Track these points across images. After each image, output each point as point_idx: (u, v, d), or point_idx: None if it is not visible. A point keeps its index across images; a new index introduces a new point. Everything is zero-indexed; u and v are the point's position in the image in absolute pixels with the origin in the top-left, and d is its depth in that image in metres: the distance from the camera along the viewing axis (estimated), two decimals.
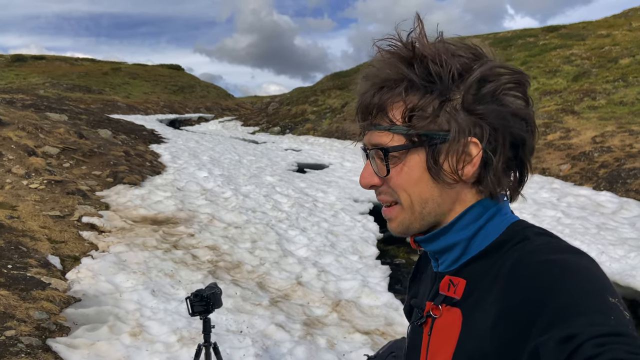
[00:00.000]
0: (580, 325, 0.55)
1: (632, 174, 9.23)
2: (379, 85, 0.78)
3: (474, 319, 0.73)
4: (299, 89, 32.62)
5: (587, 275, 0.63)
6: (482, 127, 0.75)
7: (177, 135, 17.27)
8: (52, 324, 3.60)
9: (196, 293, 2.72)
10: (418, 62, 0.75)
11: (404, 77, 0.75)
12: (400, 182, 0.78)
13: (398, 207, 0.80)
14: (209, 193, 8.26)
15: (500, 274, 0.71)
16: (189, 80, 48.99)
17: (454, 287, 0.79)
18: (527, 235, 0.74)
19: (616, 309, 0.58)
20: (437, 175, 0.76)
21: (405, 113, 0.75)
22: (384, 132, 0.77)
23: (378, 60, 0.79)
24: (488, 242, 0.78)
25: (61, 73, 38.38)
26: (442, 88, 0.74)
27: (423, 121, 0.74)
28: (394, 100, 0.76)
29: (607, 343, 0.53)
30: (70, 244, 5.34)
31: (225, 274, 5.14)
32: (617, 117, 12.30)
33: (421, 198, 0.78)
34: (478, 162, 0.75)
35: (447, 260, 0.82)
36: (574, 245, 0.71)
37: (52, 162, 8.49)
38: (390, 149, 0.76)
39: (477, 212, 0.79)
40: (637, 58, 15.51)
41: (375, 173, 0.81)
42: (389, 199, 0.81)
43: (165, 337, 3.73)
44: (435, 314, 0.81)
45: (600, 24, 21.89)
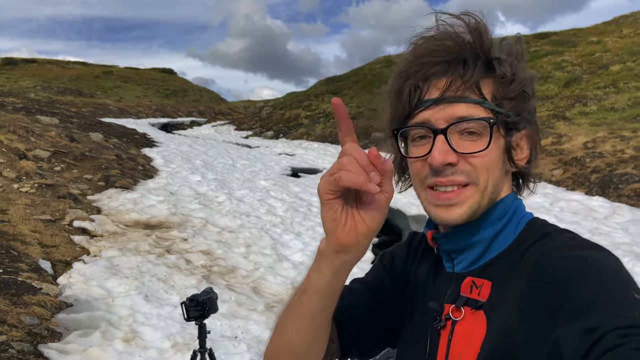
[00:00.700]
0: (603, 317, 0.55)
1: (623, 179, 9.29)
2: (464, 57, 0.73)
3: (498, 320, 0.71)
4: (293, 94, 32.65)
5: (611, 271, 0.62)
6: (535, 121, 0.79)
7: (169, 139, 17.19)
8: (44, 329, 3.53)
9: (192, 298, 2.68)
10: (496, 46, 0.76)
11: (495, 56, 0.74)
12: (489, 160, 0.73)
13: (471, 189, 0.74)
14: (202, 197, 8.21)
15: (524, 271, 0.70)
16: (181, 84, 48.88)
17: (477, 289, 0.75)
18: (548, 232, 0.74)
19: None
20: (510, 160, 0.76)
21: (497, 92, 0.74)
22: (475, 106, 0.73)
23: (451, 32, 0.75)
24: (509, 241, 0.76)
25: (52, 76, 38.15)
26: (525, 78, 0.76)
27: (509, 104, 0.74)
28: (486, 76, 0.74)
29: (631, 334, 0.52)
30: (62, 248, 5.27)
31: (220, 279, 5.09)
32: (608, 123, 12.41)
33: (495, 181, 0.75)
34: (529, 153, 0.78)
35: (466, 260, 0.78)
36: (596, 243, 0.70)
37: (43, 165, 8.40)
38: (498, 120, 0.73)
39: (503, 208, 0.77)
40: (627, 65, 15.67)
41: (452, 149, 0.72)
42: (463, 179, 0.73)
43: (159, 343, 3.67)
44: (456, 317, 0.76)
45: (591, 31, 22.13)
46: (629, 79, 14.63)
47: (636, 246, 6.38)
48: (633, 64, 15.52)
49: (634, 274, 0.63)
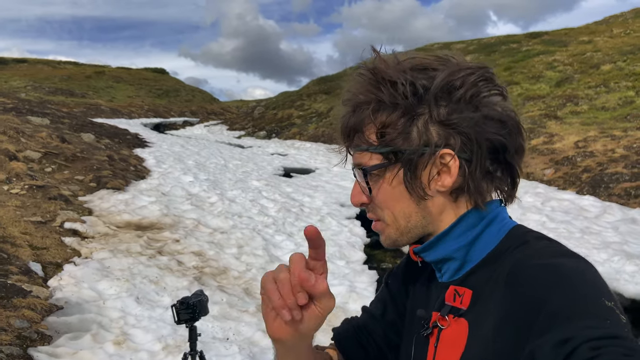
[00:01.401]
0: (575, 328, 0.55)
1: (614, 179, 9.37)
2: (353, 108, 0.81)
3: (478, 327, 0.73)
4: (285, 93, 32.61)
5: (584, 279, 0.63)
6: (454, 137, 0.75)
7: (161, 139, 17.13)
8: (34, 332, 3.51)
9: (182, 300, 2.67)
10: (384, 83, 0.77)
11: (373, 99, 0.77)
12: (382, 200, 0.80)
13: (381, 223, 0.82)
14: (194, 198, 8.18)
15: (500, 279, 0.71)
16: (173, 84, 48.71)
17: (459, 297, 0.78)
18: (527, 240, 0.75)
19: (612, 313, 0.57)
20: (413, 190, 0.77)
21: (377, 132, 0.77)
22: (363, 153, 0.80)
23: (353, 84, 0.82)
24: (488, 250, 0.77)
25: (43, 76, 37.90)
26: (409, 104, 0.75)
27: (395, 138, 0.76)
28: (366, 121, 0.78)
29: (603, 346, 0.52)
30: (52, 250, 5.24)
31: (211, 280, 5.07)
32: (599, 123, 12.50)
33: (404, 213, 0.79)
34: (456, 172, 0.75)
35: (449, 270, 0.81)
36: (572, 250, 0.70)
37: (33, 166, 8.34)
38: (368, 168, 0.79)
39: (473, 219, 0.78)
40: (618, 64, 15.79)
41: (362, 192, 0.82)
42: (375, 216, 0.83)
43: (150, 346, 3.66)
44: (442, 325, 0.79)
45: (582, 31, 22.28)
46: (619, 78, 14.74)
47: (626, 245, 6.43)
48: (623, 64, 15.64)
49: (624, 273, 0.64)
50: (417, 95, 0.75)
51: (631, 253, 6.11)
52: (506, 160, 0.78)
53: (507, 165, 0.78)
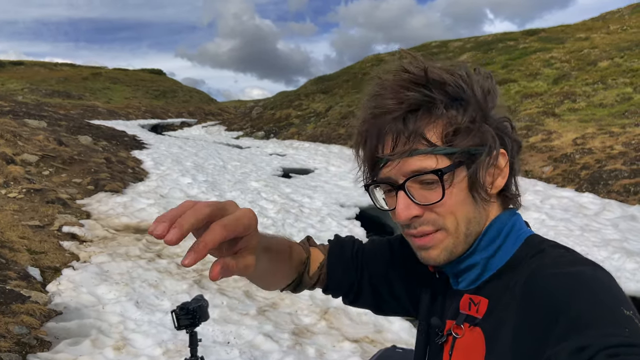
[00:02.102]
0: (593, 336, 0.55)
1: (613, 175, 9.36)
2: (407, 110, 0.75)
3: (496, 336, 0.73)
4: (283, 93, 32.59)
5: (601, 288, 0.63)
6: (503, 138, 0.77)
7: (159, 140, 17.09)
8: (33, 338, 3.48)
9: (182, 306, 2.64)
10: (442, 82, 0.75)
11: (434, 99, 0.74)
12: (451, 205, 0.75)
13: (442, 233, 0.76)
14: (193, 199, 8.15)
15: (517, 288, 0.71)
16: (171, 84, 48.64)
17: (475, 306, 0.78)
18: (543, 249, 0.75)
19: (631, 322, 0.57)
20: (479, 192, 0.76)
21: (445, 133, 0.74)
22: (426, 156, 0.74)
23: (388, 89, 0.77)
24: (506, 259, 0.78)
25: (40, 78, 37.81)
26: (469, 105, 0.75)
27: (460, 138, 0.74)
28: (431, 122, 0.75)
29: (621, 354, 0.51)
30: (51, 254, 5.21)
31: (211, 283, 5.05)
32: (597, 119, 12.49)
33: (467, 218, 0.76)
34: (507, 173, 0.78)
35: (467, 279, 0.81)
36: (589, 258, 0.70)
37: (31, 170, 8.31)
38: (445, 169, 0.73)
39: (496, 229, 0.79)
40: (615, 61, 15.79)
41: (414, 203, 0.75)
42: (431, 228, 0.76)
43: (150, 350, 3.63)
44: (457, 333, 0.79)
45: (579, 27, 22.28)
46: (617, 75, 14.74)
47: (626, 242, 6.42)
48: (621, 60, 15.64)
49: (624, 271, 0.63)
50: (474, 96, 0.76)
51: (631, 250, 6.10)
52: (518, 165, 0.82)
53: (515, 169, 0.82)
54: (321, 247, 1.01)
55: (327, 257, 0.99)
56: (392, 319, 4.48)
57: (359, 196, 9.37)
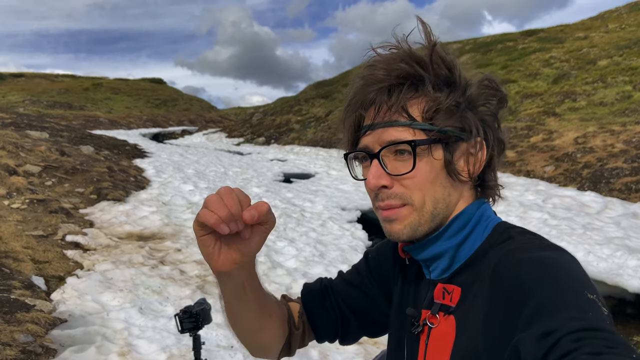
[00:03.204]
0: (557, 320, 0.56)
1: (614, 174, 9.36)
2: (393, 82, 0.77)
3: (467, 323, 0.74)
4: (283, 99, 32.68)
5: (566, 272, 0.64)
6: (485, 130, 0.79)
7: (160, 149, 17.15)
8: (38, 346, 3.50)
9: (185, 309, 2.66)
10: (439, 64, 0.77)
11: (424, 76, 0.76)
12: (419, 180, 0.76)
13: (407, 209, 0.77)
14: (195, 207, 8.18)
15: (486, 275, 0.72)
16: (171, 93, 48.82)
17: (449, 295, 0.79)
18: (511, 235, 0.76)
19: (594, 305, 0.58)
20: (452, 174, 0.77)
21: (427, 110, 0.75)
22: (404, 128, 0.76)
23: (382, 61, 0.79)
24: (475, 247, 0.79)
25: (41, 90, 38.01)
26: (455, 90, 0.77)
27: (442, 118, 0.75)
28: (415, 97, 0.76)
29: (585, 338, 0.53)
30: (55, 263, 5.23)
31: (215, 289, 5.06)
32: (598, 118, 12.50)
33: (434, 198, 0.77)
34: (483, 162, 0.79)
35: (438, 268, 0.82)
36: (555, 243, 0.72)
37: (33, 180, 8.35)
38: (419, 142, 0.75)
39: (465, 218, 0.79)
40: (614, 59, 15.81)
41: (385, 172, 0.77)
42: (398, 202, 0.77)
43: (154, 356, 3.65)
44: (433, 323, 0.80)
45: (578, 27, 22.32)
46: (616, 73, 14.75)
47: (628, 240, 6.42)
48: (620, 59, 15.66)
49: (627, 268, 0.65)
50: (465, 84, 0.78)
51: (634, 248, 6.09)
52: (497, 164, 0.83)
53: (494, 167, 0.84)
54: (297, 299, 1.03)
55: (302, 303, 1.01)
56: None
57: (360, 199, 9.38)
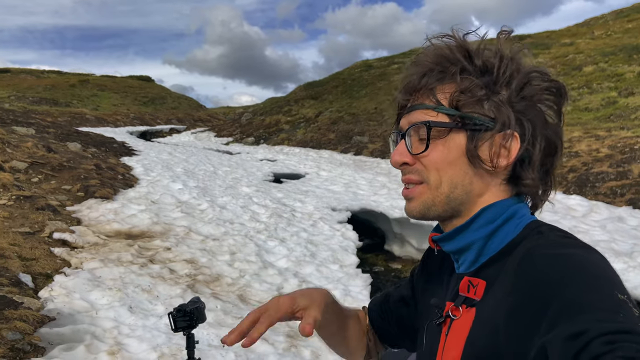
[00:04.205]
0: (587, 321, 0.54)
1: (599, 178, 9.50)
2: (429, 67, 0.80)
3: (486, 315, 0.73)
4: (272, 99, 32.63)
5: (595, 271, 0.62)
6: (523, 124, 0.77)
7: (149, 147, 17.02)
8: (27, 344, 3.46)
9: (179, 308, 2.64)
10: (477, 52, 0.79)
11: (458, 61, 0.78)
12: (436, 160, 0.78)
13: (423, 186, 0.80)
14: (184, 205, 8.14)
15: (511, 269, 0.72)
16: (159, 91, 48.45)
17: (473, 288, 0.79)
18: (540, 231, 0.75)
19: (625, 306, 0.56)
20: (474, 161, 0.77)
21: (454, 95, 0.77)
22: (429, 111, 0.79)
23: (431, 48, 0.82)
24: (505, 242, 0.78)
25: (26, 86, 37.49)
26: (493, 80, 0.77)
27: (470, 104, 0.76)
28: (443, 82, 0.78)
29: (617, 341, 0.51)
30: (42, 261, 5.17)
31: (205, 288, 5.05)
32: (583, 123, 12.68)
33: (452, 181, 0.78)
34: (514, 157, 0.77)
35: (466, 261, 0.82)
36: (584, 242, 0.71)
37: (20, 177, 8.24)
38: (432, 123, 0.77)
39: (495, 211, 0.79)
40: (600, 65, 16.04)
41: (408, 151, 0.81)
42: (416, 178, 0.81)
43: (145, 355, 3.62)
44: (455, 315, 0.80)
45: (564, 33, 22.62)
46: (601, 79, 14.98)
47: (614, 243, 6.52)
48: (605, 65, 15.90)
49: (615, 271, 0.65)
50: (503, 75, 0.78)
51: (619, 251, 6.20)
52: (547, 167, 0.81)
53: (546, 172, 0.82)
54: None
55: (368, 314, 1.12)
56: None
57: (350, 200, 9.40)
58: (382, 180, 11.74)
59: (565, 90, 0.81)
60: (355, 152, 16.55)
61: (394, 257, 8.29)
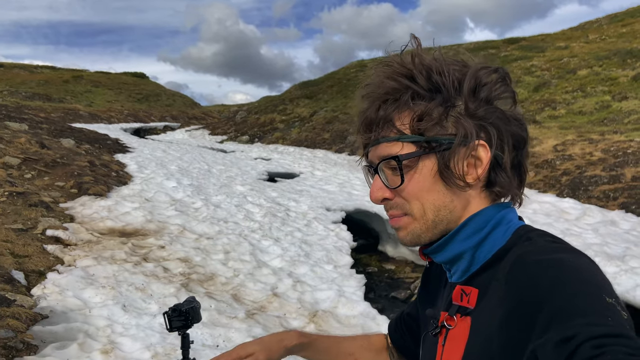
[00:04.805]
0: (577, 326, 0.55)
1: (593, 181, 9.56)
2: (382, 99, 0.79)
3: (481, 324, 0.74)
4: (267, 98, 32.57)
5: (584, 275, 0.63)
6: (487, 130, 0.77)
7: (143, 144, 16.94)
8: (19, 342, 3.43)
9: (174, 308, 2.62)
10: (419, 73, 0.77)
11: (408, 88, 0.77)
12: (413, 191, 0.78)
13: (408, 218, 0.80)
14: (178, 203, 8.11)
15: (502, 275, 0.72)
16: (154, 88, 48.21)
17: (466, 297, 0.79)
18: (530, 237, 0.76)
19: (613, 309, 0.57)
20: (449, 180, 0.76)
21: (413, 121, 0.76)
22: (393, 143, 0.77)
23: (375, 76, 0.81)
24: (495, 250, 0.78)
25: (20, 81, 37.19)
26: (446, 95, 0.76)
27: (431, 127, 0.76)
28: (400, 111, 0.77)
29: (606, 344, 0.52)
30: (35, 258, 5.13)
31: (199, 287, 5.03)
32: (577, 126, 12.76)
33: (434, 205, 0.78)
34: (487, 165, 0.77)
35: (458, 271, 0.82)
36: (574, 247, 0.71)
37: (13, 173, 8.18)
38: (402, 156, 0.76)
39: (482, 219, 0.79)
40: (594, 69, 16.15)
41: (385, 186, 0.80)
42: (399, 212, 0.80)
43: (138, 354, 3.61)
44: (450, 325, 0.81)
45: (559, 36, 22.75)
46: (595, 83, 15.07)
47: (606, 247, 6.57)
48: (599, 69, 16.00)
49: (605, 274, 0.65)
50: (453, 87, 0.77)
51: (611, 254, 6.24)
52: (519, 160, 0.81)
53: (518, 164, 0.81)
54: None
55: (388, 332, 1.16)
56: (380, 321, 4.52)
57: (344, 200, 9.41)
58: None
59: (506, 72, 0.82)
60: (349, 152, 16.57)
61: (388, 257, 8.30)
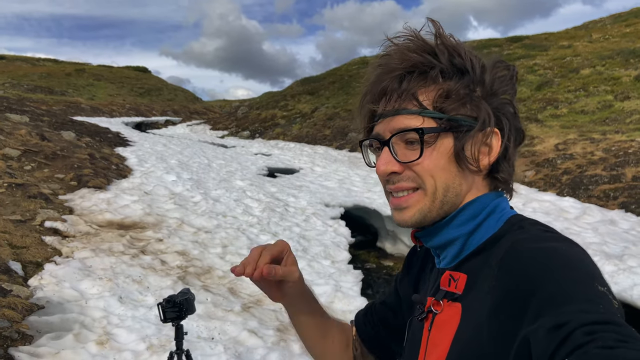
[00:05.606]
0: (569, 313, 0.55)
1: (593, 181, 9.54)
2: (407, 71, 0.78)
3: (472, 311, 0.74)
4: (269, 94, 32.54)
5: (576, 264, 0.63)
6: (501, 120, 0.78)
7: (143, 138, 16.94)
8: (15, 332, 3.44)
9: (168, 299, 2.63)
10: (443, 52, 0.77)
11: (434, 64, 0.77)
12: (429, 167, 0.77)
13: (419, 194, 0.78)
14: (177, 197, 8.11)
15: (494, 263, 0.72)
16: (155, 82, 48.21)
17: (454, 282, 0.79)
18: (522, 226, 0.76)
19: (605, 297, 0.58)
20: (463, 162, 0.77)
21: (437, 98, 0.76)
22: (414, 116, 0.76)
23: (397, 50, 0.79)
24: (486, 237, 0.78)
25: (22, 73, 37.19)
26: (471, 79, 0.77)
27: (454, 107, 0.76)
28: (425, 85, 0.77)
29: (597, 331, 0.52)
30: (32, 249, 5.14)
31: (196, 280, 5.03)
32: (579, 126, 12.72)
33: (445, 185, 0.77)
34: (497, 153, 0.78)
35: (448, 256, 0.82)
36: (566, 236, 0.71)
37: (12, 164, 8.18)
38: (426, 130, 0.75)
39: (477, 206, 0.79)
40: (597, 69, 16.09)
41: (395, 159, 0.78)
42: (411, 184, 0.78)
43: (134, 345, 3.61)
44: (437, 310, 0.80)
45: (562, 35, 22.67)
46: (598, 82, 15.02)
47: (605, 246, 6.56)
48: (602, 68, 15.95)
49: (603, 273, 0.65)
50: (477, 72, 0.77)
51: (610, 253, 6.23)
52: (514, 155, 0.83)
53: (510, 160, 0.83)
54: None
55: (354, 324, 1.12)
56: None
57: (344, 196, 9.40)
58: (376, 177, 11.68)
59: (516, 71, 0.83)
60: (350, 149, 16.55)
61: (386, 254, 8.30)
